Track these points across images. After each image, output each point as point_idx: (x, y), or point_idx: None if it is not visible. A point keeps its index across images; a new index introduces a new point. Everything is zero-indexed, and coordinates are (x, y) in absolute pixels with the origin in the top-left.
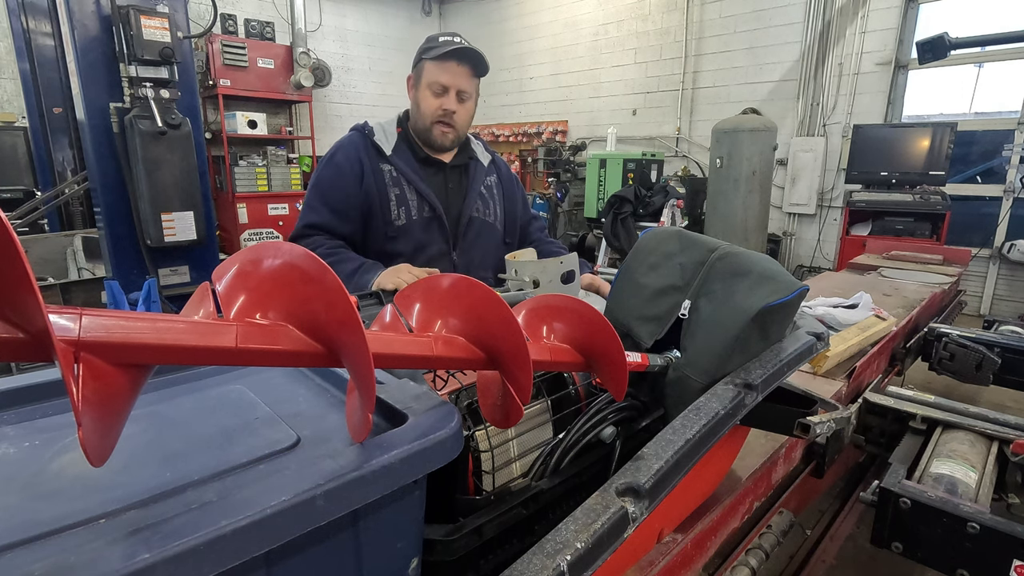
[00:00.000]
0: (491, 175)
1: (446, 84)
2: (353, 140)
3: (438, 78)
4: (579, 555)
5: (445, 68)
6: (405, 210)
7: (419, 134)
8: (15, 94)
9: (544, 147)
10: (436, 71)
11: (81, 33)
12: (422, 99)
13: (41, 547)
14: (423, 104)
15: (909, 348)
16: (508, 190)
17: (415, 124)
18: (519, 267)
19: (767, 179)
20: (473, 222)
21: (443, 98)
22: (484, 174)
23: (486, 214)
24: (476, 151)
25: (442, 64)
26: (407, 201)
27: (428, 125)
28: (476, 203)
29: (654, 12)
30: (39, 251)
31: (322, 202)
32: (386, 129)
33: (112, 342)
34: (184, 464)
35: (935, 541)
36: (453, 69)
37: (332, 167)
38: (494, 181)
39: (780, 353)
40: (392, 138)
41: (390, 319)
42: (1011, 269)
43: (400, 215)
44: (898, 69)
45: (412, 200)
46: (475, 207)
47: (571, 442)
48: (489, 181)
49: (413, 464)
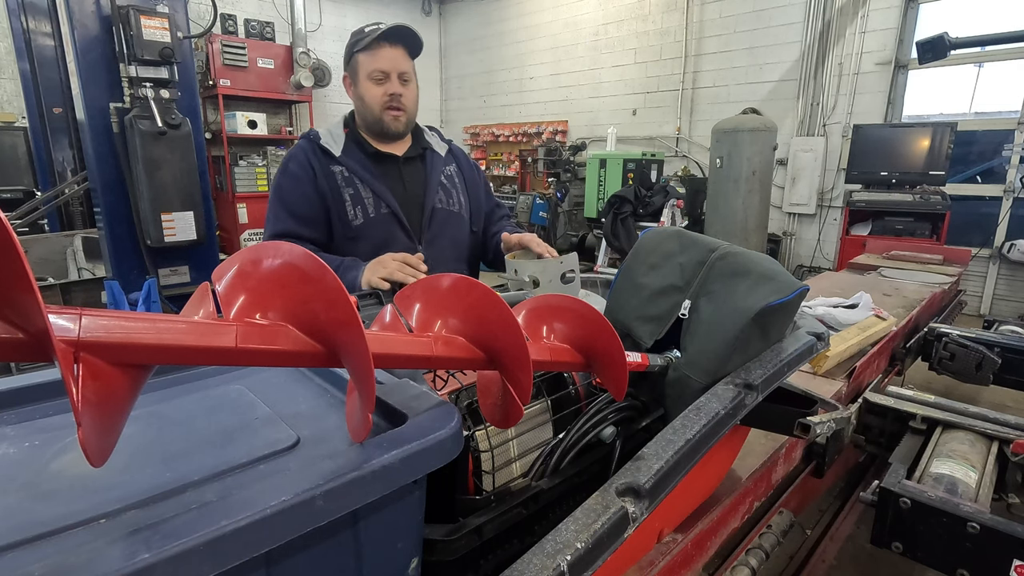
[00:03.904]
0: (449, 164)
1: (385, 69)
2: (301, 147)
3: (375, 65)
4: (579, 555)
5: (379, 54)
6: (361, 209)
7: (370, 128)
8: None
9: (544, 147)
10: (371, 60)
11: (81, 33)
12: (365, 91)
13: (41, 547)
14: (367, 96)
15: (909, 348)
16: (470, 178)
17: (364, 119)
18: (519, 267)
19: (767, 179)
20: (437, 214)
21: (385, 84)
22: (442, 163)
23: (450, 204)
24: (431, 141)
25: (375, 52)
26: (362, 200)
27: (378, 114)
28: (438, 194)
29: (654, 12)
30: (39, 251)
31: (286, 211)
32: (333, 132)
33: (112, 342)
34: (184, 464)
35: (935, 541)
36: (388, 53)
37: (288, 176)
38: (454, 170)
39: (780, 353)
40: (340, 139)
41: (390, 319)
42: (1011, 269)
43: (357, 214)
44: (898, 69)
45: (367, 198)
46: (437, 198)
47: (571, 442)
48: (449, 170)
49: (413, 464)
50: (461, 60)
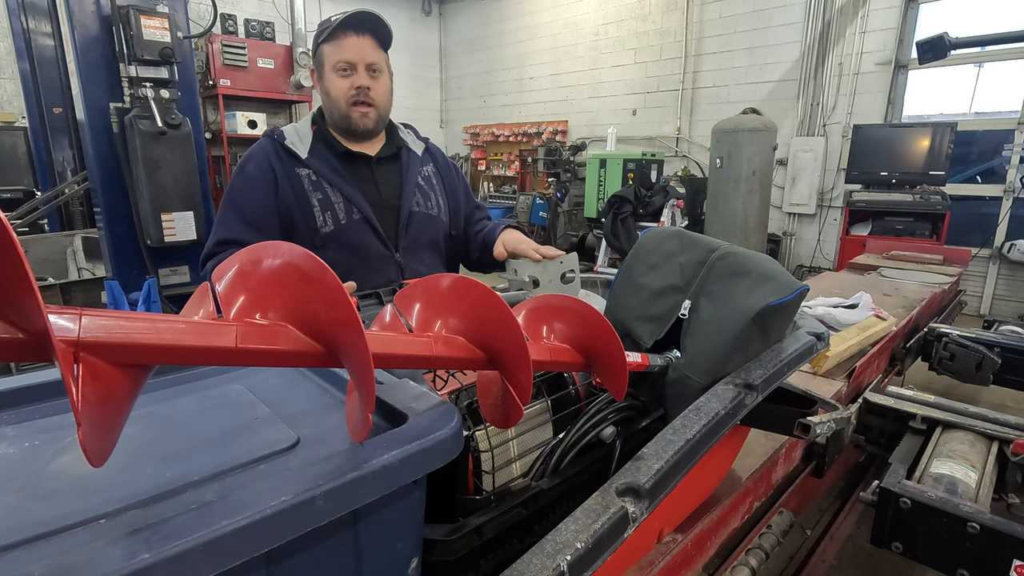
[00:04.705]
0: (427, 164)
1: (350, 60)
2: (263, 147)
3: (340, 56)
4: (579, 555)
5: (344, 44)
6: (331, 215)
7: (337, 124)
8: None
9: (544, 147)
10: (335, 51)
11: (81, 33)
12: (330, 85)
13: (41, 547)
14: (332, 89)
15: (909, 348)
16: (448, 179)
17: (331, 115)
18: (519, 267)
19: (767, 179)
20: (414, 218)
21: (352, 76)
22: (419, 164)
23: (428, 207)
24: (407, 139)
25: (340, 41)
26: (332, 205)
27: (345, 110)
28: (415, 196)
29: (654, 12)
30: (39, 251)
31: (236, 216)
32: (300, 130)
33: (112, 342)
34: (184, 464)
35: (935, 541)
36: (353, 42)
37: (243, 178)
38: (431, 171)
39: (780, 353)
40: (307, 139)
41: (390, 319)
42: (1011, 269)
43: (327, 221)
44: (898, 69)
45: (338, 203)
46: (414, 201)
47: (571, 442)
48: (426, 171)
49: (413, 464)
50: (461, 60)
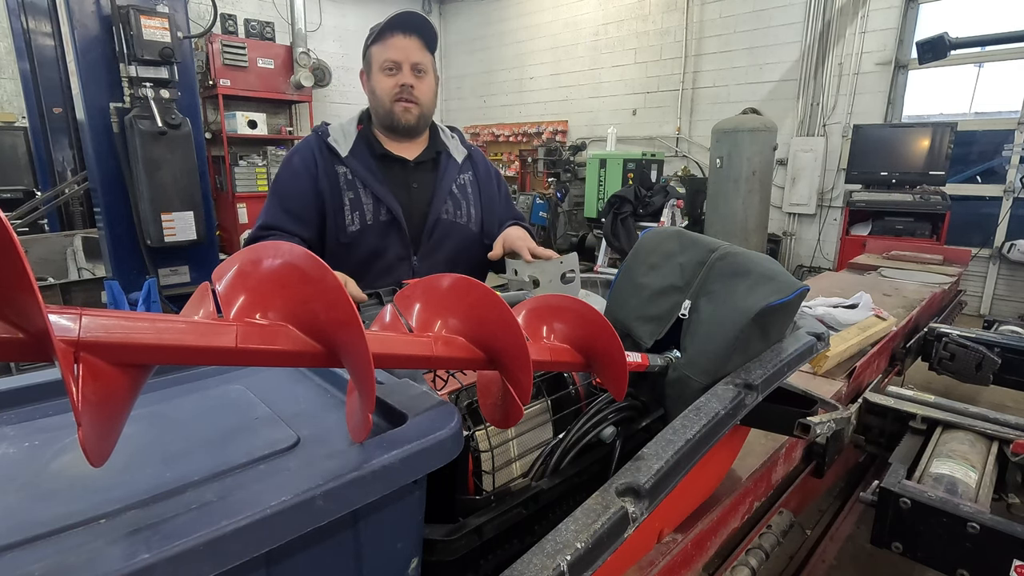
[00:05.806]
0: (466, 172)
1: (396, 59)
2: (309, 142)
3: (387, 55)
4: (579, 555)
5: (391, 44)
6: (359, 215)
7: (381, 121)
8: (15, 94)
9: (544, 147)
10: (382, 50)
11: (81, 33)
12: (376, 84)
13: (41, 547)
14: (378, 88)
15: (909, 348)
16: (486, 187)
17: (376, 114)
18: (519, 267)
19: (767, 179)
20: (440, 224)
21: (397, 75)
22: (457, 171)
23: (457, 215)
24: (448, 144)
25: (387, 42)
26: (361, 205)
27: (388, 107)
28: (445, 204)
29: (654, 12)
30: (39, 251)
31: (279, 205)
32: (345, 128)
33: (112, 342)
34: (184, 464)
35: (935, 541)
36: (400, 43)
37: (289, 170)
38: (468, 179)
39: (780, 353)
40: (350, 137)
41: (390, 319)
42: (1011, 269)
43: (354, 220)
44: (898, 69)
45: (367, 204)
46: (443, 208)
47: (571, 442)
48: (463, 179)
49: (413, 464)
50: (461, 60)
